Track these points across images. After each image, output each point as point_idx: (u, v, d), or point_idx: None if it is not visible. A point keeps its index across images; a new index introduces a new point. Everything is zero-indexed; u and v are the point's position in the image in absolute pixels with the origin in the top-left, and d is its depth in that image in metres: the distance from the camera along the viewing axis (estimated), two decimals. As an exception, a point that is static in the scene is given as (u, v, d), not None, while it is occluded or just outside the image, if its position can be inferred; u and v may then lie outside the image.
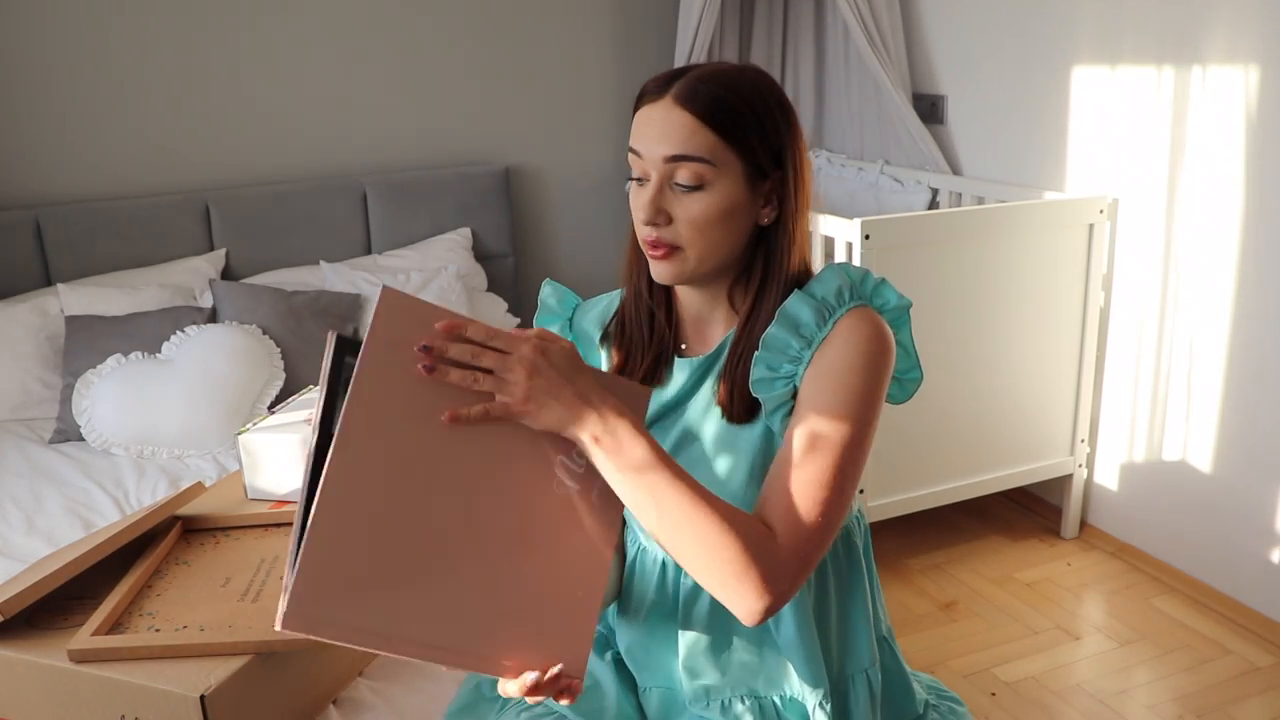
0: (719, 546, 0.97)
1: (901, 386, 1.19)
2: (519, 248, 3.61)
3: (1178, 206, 2.52)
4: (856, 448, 1.04)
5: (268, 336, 2.78)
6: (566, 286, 1.34)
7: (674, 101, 1.07)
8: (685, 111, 1.06)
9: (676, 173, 1.07)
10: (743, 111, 1.08)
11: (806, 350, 1.08)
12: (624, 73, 3.62)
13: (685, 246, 1.10)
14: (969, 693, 2.29)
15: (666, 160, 1.07)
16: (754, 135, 1.09)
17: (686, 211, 1.08)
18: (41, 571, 1.35)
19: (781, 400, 1.10)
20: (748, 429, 1.14)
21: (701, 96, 1.06)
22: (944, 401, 2.61)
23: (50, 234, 2.96)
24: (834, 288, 1.11)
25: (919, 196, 3.23)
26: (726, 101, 1.07)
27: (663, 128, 1.07)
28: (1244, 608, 2.51)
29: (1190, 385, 2.57)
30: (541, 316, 1.33)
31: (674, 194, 1.09)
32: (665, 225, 1.09)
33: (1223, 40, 2.35)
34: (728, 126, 1.07)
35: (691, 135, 1.06)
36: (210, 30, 3.12)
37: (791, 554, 1.00)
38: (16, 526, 2.17)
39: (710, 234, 1.09)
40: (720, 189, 1.08)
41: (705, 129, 1.06)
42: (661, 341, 1.21)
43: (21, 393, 2.73)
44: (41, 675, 1.27)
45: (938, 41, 3.19)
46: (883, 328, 1.10)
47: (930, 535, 2.93)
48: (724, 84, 1.08)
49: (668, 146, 1.07)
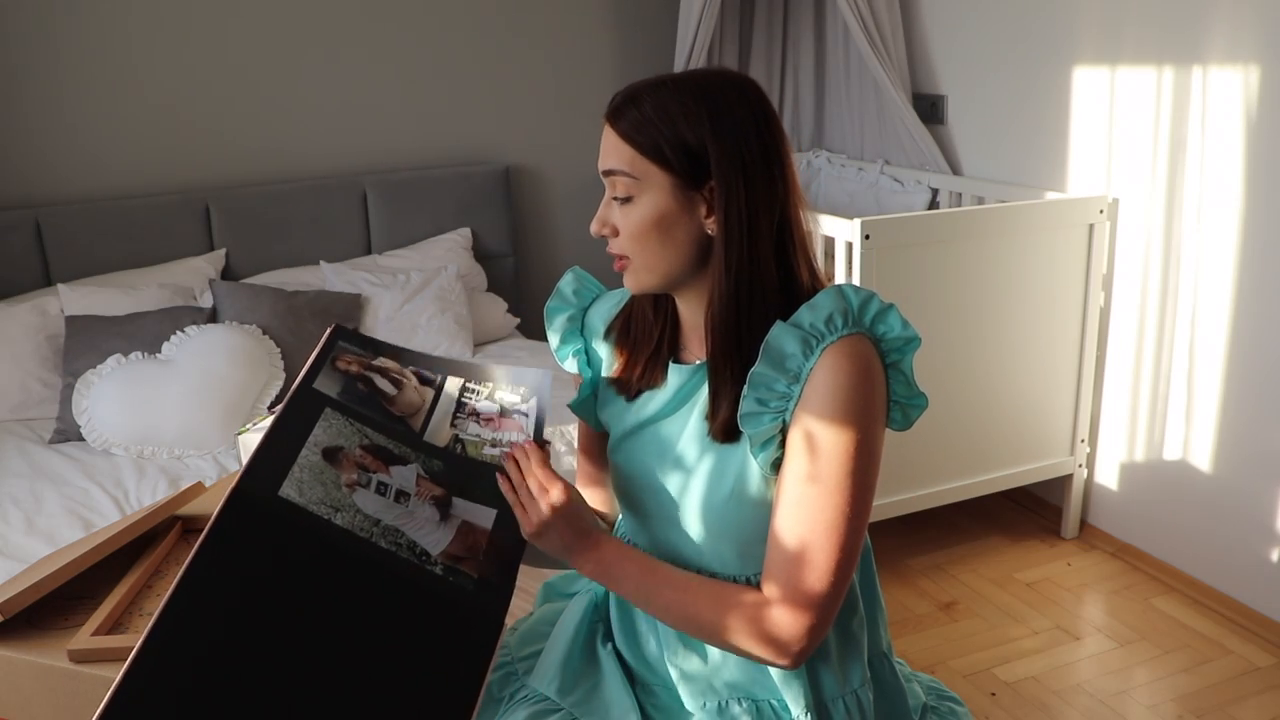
0: (723, 631, 1.09)
1: (904, 413, 1.13)
2: (519, 248, 3.61)
3: (1178, 206, 2.52)
4: (858, 503, 1.06)
5: (268, 336, 2.78)
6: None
7: (607, 119, 1.13)
8: (611, 128, 1.12)
9: (614, 186, 1.13)
10: (657, 125, 1.09)
11: (795, 385, 1.07)
12: (624, 73, 3.62)
13: (632, 255, 1.13)
14: (969, 693, 2.29)
15: (604, 175, 1.13)
16: (668, 147, 1.09)
17: (621, 223, 1.13)
18: (41, 571, 1.35)
19: (769, 435, 1.08)
20: (732, 448, 1.13)
21: (622, 112, 1.11)
22: (944, 401, 2.61)
23: (50, 234, 2.96)
24: (825, 314, 1.07)
25: (919, 196, 3.23)
26: (643, 115, 1.10)
27: (603, 144, 1.13)
28: (1244, 608, 2.51)
29: (1190, 385, 2.57)
30: (552, 303, 1.33)
31: (615, 207, 1.14)
32: (613, 237, 1.14)
33: (1223, 40, 2.35)
34: (639, 140, 1.10)
35: (615, 150, 1.11)
36: (210, 30, 3.12)
37: (803, 614, 1.05)
38: (16, 526, 2.17)
39: (647, 244, 1.12)
40: (646, 200, 1.11)
41: (624, 144, 1.10)
42: (659, 346, 1.21)
43: (21, 393, 2.73)
44: (41, 675, 1.27)
45: (938, 41, 3.19)
46: (868, 362, 1.07)
47: (930, 535, 2.93)
48: (641, 96, 1.10)
49: (602, 161, 1.13)
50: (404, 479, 1.11)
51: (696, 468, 1.15)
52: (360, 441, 1.11)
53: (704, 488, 1.14)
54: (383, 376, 1.20)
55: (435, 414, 1.20)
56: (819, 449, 1.05)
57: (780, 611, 1.06)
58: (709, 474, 1.14)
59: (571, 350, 1.32)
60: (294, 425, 1.08)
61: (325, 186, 3.27)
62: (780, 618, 1.06)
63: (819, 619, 1.05)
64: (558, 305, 1.33)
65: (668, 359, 1.21)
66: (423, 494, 1.11)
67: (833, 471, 1.05)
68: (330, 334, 1.19)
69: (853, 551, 1.06)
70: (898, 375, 1.11)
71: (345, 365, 1.18)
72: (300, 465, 1.05)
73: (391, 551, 1.05)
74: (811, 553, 1.05)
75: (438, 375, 1.25)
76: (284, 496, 1.02)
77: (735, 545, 1.16)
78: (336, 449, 1.08)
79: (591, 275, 1.35)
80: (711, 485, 1.14)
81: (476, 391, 1.26)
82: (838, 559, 1.05)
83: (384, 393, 1.18)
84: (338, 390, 1.14)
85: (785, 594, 1.06)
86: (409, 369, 1.24)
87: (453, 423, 1.21)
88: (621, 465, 1.24)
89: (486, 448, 1.20)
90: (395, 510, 1.08)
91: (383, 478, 1.10)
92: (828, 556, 1.05)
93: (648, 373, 1.21)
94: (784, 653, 1.06)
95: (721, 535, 1.15)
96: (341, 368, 1.17)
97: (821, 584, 1.05)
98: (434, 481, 1.13)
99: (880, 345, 1.09)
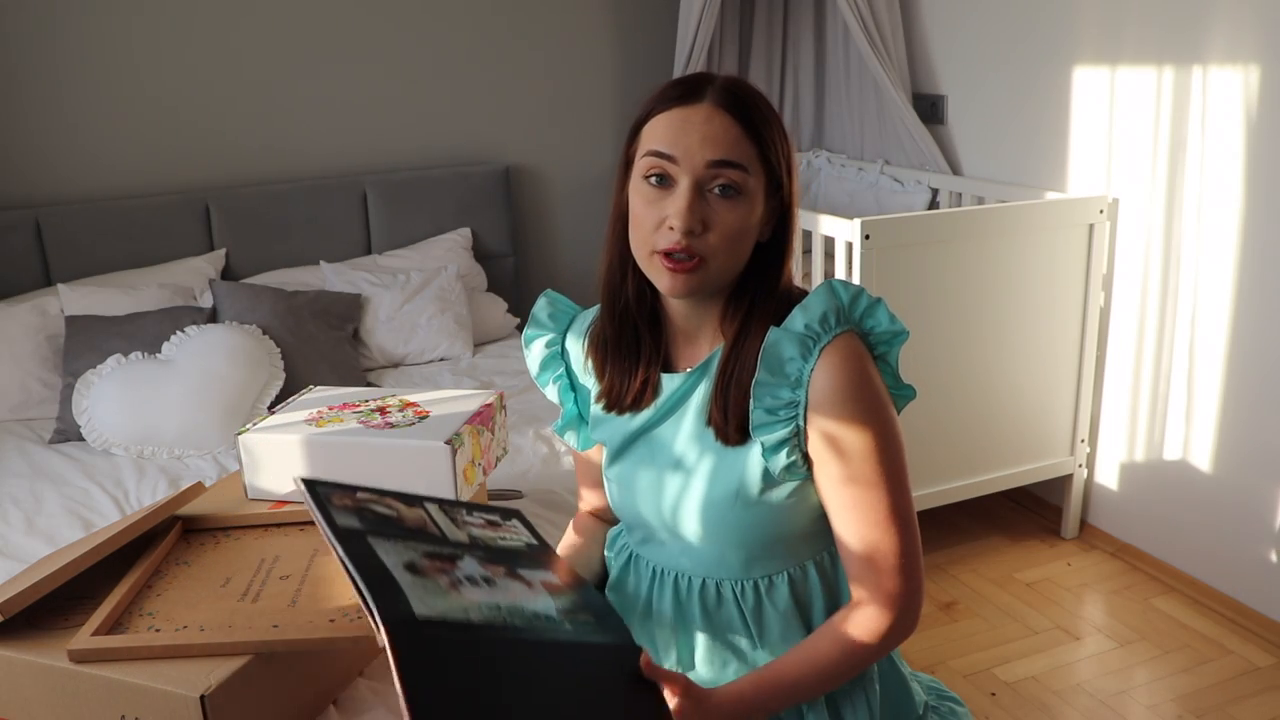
0: (854, 661, 1.12)
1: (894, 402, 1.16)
2: (519, 248, 3.61)
3: (1178, 206, 2.52)
4: (899, 489, 1.10)
5: (268, 336, 2.78)
6: (567, 289, 1.33)
7: (716, 106, 1.06)
8: (730, 117, 1.05)
9: (715, 179, 1.05)
10: (773, 124, 1.08)
11: (799, 390, 1.07)
12: (624, 73, 3.62)
13: (710, 258, 1.07)
14: (969, 693, 2.29)
15: (710, 164, 1.05)
16: (779, 150, 1.09)
17: (721, 220, 1.06)
18: (41, 571, 1.35)
19: (782, 439, 1.09)
20: (739, 450, 1.12)
21: (742, 104, 1.06)
22: (944, 401, 2.61)
23: (50, 234, 2.96)
24: (819, 314, 1.08)
25: (919, 196, 3.23)
26: (762, 112, 1.07)
27: (705, 131, 1.05)
28: (1244, 608, 2.51)
29: (1190, 385, 2.57)
30: (529, 331, 1.31)
31: (706, 202, 1.06)
32: (700, 235, 1.06)
33: (1223, 40, 2.35)
34: (762, 138, 1.07)
35: (736, 141, 1.05)
36: (210, 30, 3.12)
37: (890, 603, 1.10)
38: (16, 526, 2.17)
39: (737, 245, 1.08)
40: (750, 200, 1.07)
41: (745, 137, 1.06)
42: (650, 364, 1.19)
43: (21, 393, 2.73)
44: (41, 675, 1.27)
45: (938, 41, 3.19)
46: (860, 359, 1.08)
47: (930, 535, 2.93)
48: (755, 95, 1.09)
49: (712, 150, 1.05)
50: (474, 569, 1.09)
51: (697, 470, 1.15)
52: (420, 553, 1.08)
53: (707, 489, 1.14)
54: (378, 504, 1.17)
55: (441, 526, 1.18)
56: (846, 451, 1.07)
57: (874, 611, 1.11)
58: (711, 476, 1.14)
59: (552, 376, 1.29)
60: (368, 559, 1.03)
61: (325, 186, 3.27)
62: (877, 616, 1.11)
63: (907, 596, 1.11)
64: (534, 332, 1.30)
65: (659, 370, 1.19)
66: (497, 574, 1.10)
67: (867, 471, 1.08)
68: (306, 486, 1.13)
69: (910, 527, 1.11)
70: (885, 368, 1.12)
71: (343, 502, 1.14)
72: (403, 585, 1.01)
73: (529, 627, 1.03)
74: (878, 548, 1.10)
75: (416, 503, 1.22)
76: (423, 616, 0.98)
77: (740, 549, 1.15)
78: (411, 563, 1.05)
79: (567, 285, 1.34)
80: (714, 487, 1.14)
81: (457, 511, 1.24)
82: (902, 544, 1.10)
83: (390, 516, 1.15)
84: (359, 523, 1.11)
85: (872, 594, 1.10)
86: (387, 498, 1.20)
87: (459, 528, 1.20)
88: (620, 479, 1.23)
89: (500, 542, 1.19)
90: (498, 593, 1.06)
91: (462, 572, 1.07)
92: (891, 545, 1.09)
93: (642, 387, 1.19)
94: (900, 637, 1.12)
95: (726, 540, 1.15)
96: (341, 504, 1.14)
97: (895, 571, 1.10)
98: (494, 565, 1.12)
99: (868, 340, 1.11)
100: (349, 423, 1.74)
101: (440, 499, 1.24)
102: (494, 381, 2.93)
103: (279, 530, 1.61)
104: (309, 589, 1.40)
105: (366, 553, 1.03)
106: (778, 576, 1.17)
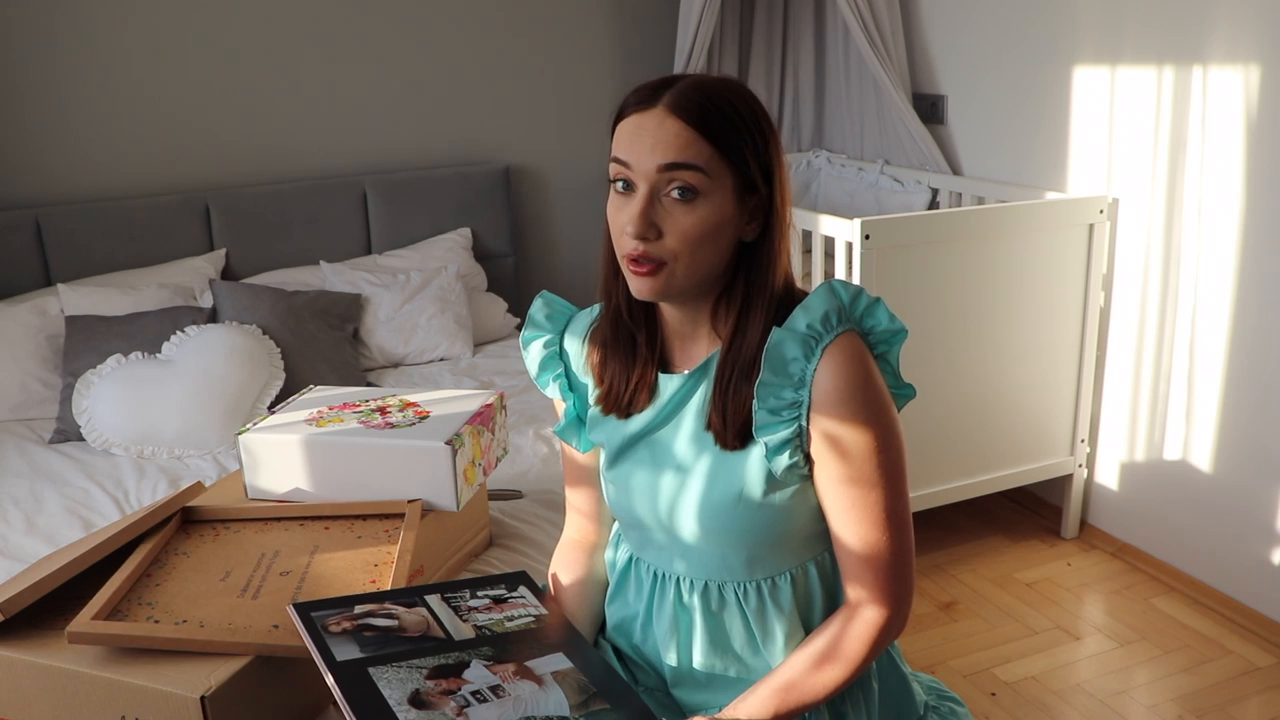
0: (856, 664, 1.14)
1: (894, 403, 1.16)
2: (519, 248, 3.61)
3: (1178, 206, 2.52)
4: (897, 489, 1.13)
5: (268, 336, 2.78)
6: (567, 288, 1.33)
7: (668, 110, 1.05)
8: (680, 120, 1.05)
9: (670, 183, 1.05)
10: (735, 123, 1.06)
11: (802, 390, 1.07)
12: (624, 73, 3.62)
13: (671, 261, 1.07)
14: (969, 693, 2.29)
15: (661, 169, 1.05)
16: (746, 148, 1.07)
17: (678, 224, 1.06)
18: (41, 571, 1.35)
19: (785, 440, 1.09)
20: (739, 454, 1.12)
21: (695, 106, 1.05)
22: (944, 402, 2.61)
23: (50, 234, 2.96)
24: (820, 314, 1.08)
25: (919, 196, 3.23)
26: (721, 112, 1.06)
27: (656, 136, 1.05)
28: (1244, 608, 2.51)
29: (1190, 385, 2.57)
30: (526, 333, 1.30)
31: (663, 206, 1.06)
32: (655, 240, 1.07)
33: (1223, 40, 2.35)
34: (721, 137, 1.05)
35: (687, 144, 1.04)
36: (210, 30, 3.12)
37: (885, 601, 1.13)
38: (16, 526, 2.17)
39: (699, 248, 1.07)
40: (712, 201, 1.06)
41: (700, 139, 1.05)
42: (645, 366, 1.19)
43: (21, 393, 2.73)
44: (41, 675, 1.27)
45: (938, 41, 3.19)
46: (864, 355, 1.09)
47: (930, 535, 2.93)
48: (714, 95, 1.06)
49: (662, 155, 1.05)
50: (482, 677, 1.09)
51: (698, 473, 1.15)
52: (424, 674, 1.08)
53: (709, 492, 1.14)
54: (376, 617, 1.17)
55: (445, 623, 1.18)
56: (848, 451, 1.08)
57: (872, 610, 1.13)
58: (712, 479, 1.14)
59: (551, 376, 1.29)
60: (369, 701, 1.03)
61: (325, 186, 3.27)
62: (875, 615, 1.13)
63: (901, 595, 1.15)
64: (532, 333, 1.30)
65: (657, 372, 1.19)
66: (506, 676, 1.10)
67: (869, 471, 1.09)
68: (297, 613, 1.14)
69: (907, 528, 1.14)
70: (885, 367, 1.13)
71: (338, 627, 1.14)
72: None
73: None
74: (877, 548, 1.11)
75: (415, 598, 1.23)
76: None
77: (743, 551, 1.15)
78: (415, 694, 1.05)
79: (567, 284, 1.34)
80: (716, 490, 1.13)
81: (460, 596, 1.24)
82: (900, 544, 1.13)
83: (390, 627, 1.15)
84: (357, 651, 1.10)
85: (870, 593, 1.13)
86: (386, 604, 1.21)
87: (463, 619, 1.20)
88: (619, 482, 1.22)
89: (508, 624, 1.19)
90: (506, 705, 1.06)
91: (469, 688, 1.08)
92: (890, 545, 1.12)
93: (640, 389, 1.19)
94: (894, 634, 1.17)
95: (728, 542, 1.15)
96: (337, 630, 1.14)
97: (892, 570, 1.13)
98: (502, 663, 1.12)
99: (868, 339, 1.11)
100: (349, 423, 1.74)
101: (442, 586, 1.24)
102: (494, 381, 2.93)
103: (278, 524, 1.60)
104: (309, 587, 1.40)
105: (367, 691, 1.03)
106: (780, 577, 1.17)
